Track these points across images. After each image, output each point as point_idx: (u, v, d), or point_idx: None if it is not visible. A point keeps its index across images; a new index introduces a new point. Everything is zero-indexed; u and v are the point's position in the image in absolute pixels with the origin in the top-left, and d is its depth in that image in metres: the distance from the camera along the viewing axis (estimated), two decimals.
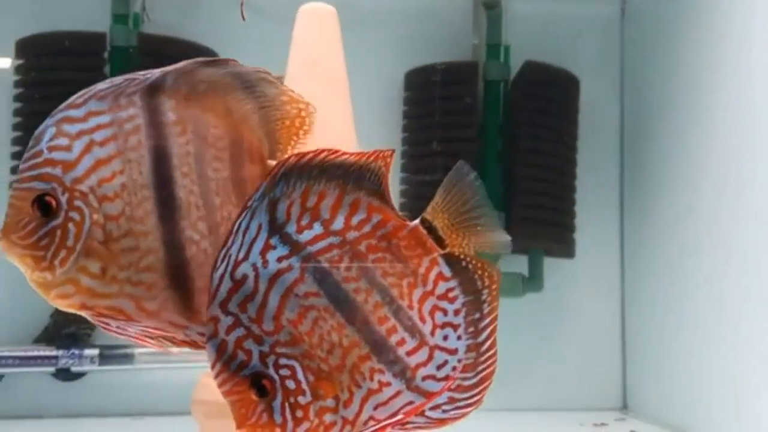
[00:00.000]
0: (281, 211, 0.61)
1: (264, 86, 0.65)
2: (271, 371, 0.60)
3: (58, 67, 1.19)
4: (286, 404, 0.60)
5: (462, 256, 0.68)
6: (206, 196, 0.61)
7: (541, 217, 1.29)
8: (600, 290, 1.42)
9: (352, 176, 0.65)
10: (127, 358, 1.21)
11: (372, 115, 1.25)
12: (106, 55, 1.23)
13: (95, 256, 0.56)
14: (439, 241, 0.67)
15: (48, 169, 0.56)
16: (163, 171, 0.59)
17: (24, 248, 0.55)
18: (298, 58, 0.98)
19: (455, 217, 0.68)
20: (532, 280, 1.31)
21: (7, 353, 1.20)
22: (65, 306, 0.56)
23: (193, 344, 0.62)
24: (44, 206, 0.56)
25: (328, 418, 0.62)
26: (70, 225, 0.56)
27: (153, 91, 0.60)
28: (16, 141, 1.21)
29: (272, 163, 0.65)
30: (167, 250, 0.59)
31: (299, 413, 0.60)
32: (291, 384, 0.61)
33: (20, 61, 1.22)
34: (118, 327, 0.59)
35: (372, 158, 0.66)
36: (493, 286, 0.68)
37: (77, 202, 0.56)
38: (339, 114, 0.96)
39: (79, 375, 1.25)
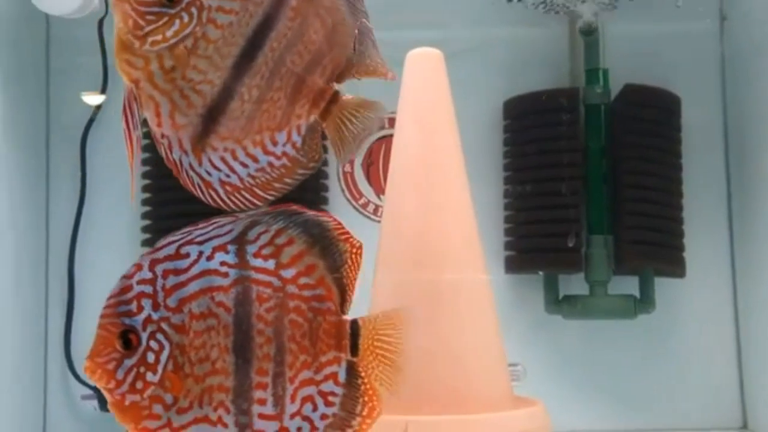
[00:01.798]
0: (255, 232, 0.68)
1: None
2: (145, 336, 0.65)
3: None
4: (134, 370, 0.65)
5: (363, 375, 0.71)
6: None
7: (649, 238, 1.28)
8: (713, 308, 1.40)
9: (321, 242, 0.70)
10: None
11: (474, 143, 1.28)
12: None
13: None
14: (354, 349, 0.70)
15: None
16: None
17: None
18: (407, 104, 1.02)
19: (380, 338, 0.71)
20: (644, 302, 1.31)
21: None
22: None
23: None
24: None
25: (157, 409, 0.66)
26: None
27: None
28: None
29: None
30: None
31: (138, 385, 0.65)
32: (151, 358, 0.66)
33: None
34: None
35: (346, 240, 0.70)
36: (368, 421, 0.70)
37: None
38: (450, 160, 1.00)
39: None
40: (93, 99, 1.38)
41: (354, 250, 0.71)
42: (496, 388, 0.97)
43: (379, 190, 1.41)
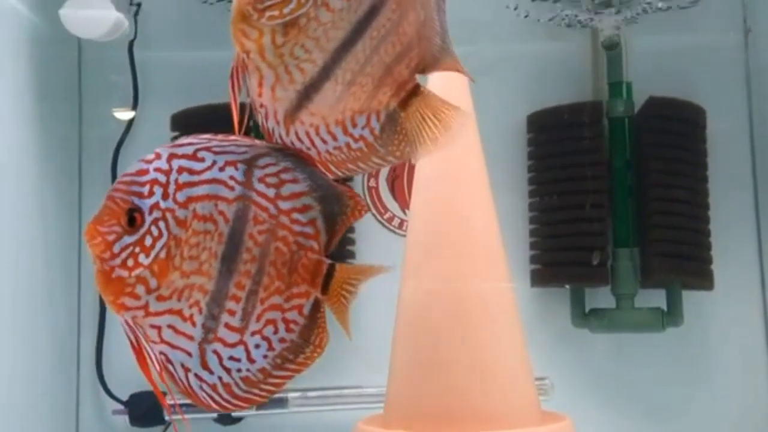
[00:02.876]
0: (265, 161, 0.73)
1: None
2: (148, 220, 0.69)
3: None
4: (130, 248, 0.69)
5: (322, 311, 0.77)
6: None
7: (676, 251, 1.28)
8: (742, 320, 1.38)
9: (323, 191, 0.76)
10: (281, 403, 1.28)
11: (498, 156, 1.29)
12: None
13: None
14: (325, 287, 0.76)
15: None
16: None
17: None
18: None
19: (349, 284, 0.77)
20: (672, 315, 1.30)
21: (175, 401, 1.30)
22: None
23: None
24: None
25: (139, 290, 0.70)
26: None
27: None
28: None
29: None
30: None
31: (130, 262, 0.69)
32: (148, 241, 0.69)
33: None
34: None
35: (350, 198, 0.77)
36: (318, 350, 0.77)
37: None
38: (474, 173, 1.01)
39: (238, 419, 1.34)
40: (124, 115, 1.41)
41: (358, 208, 0.78)
42: (523, 402, 0.97)
43: (404, 205, 1.42)
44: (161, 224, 0.70)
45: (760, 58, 1.41)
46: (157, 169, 0.71)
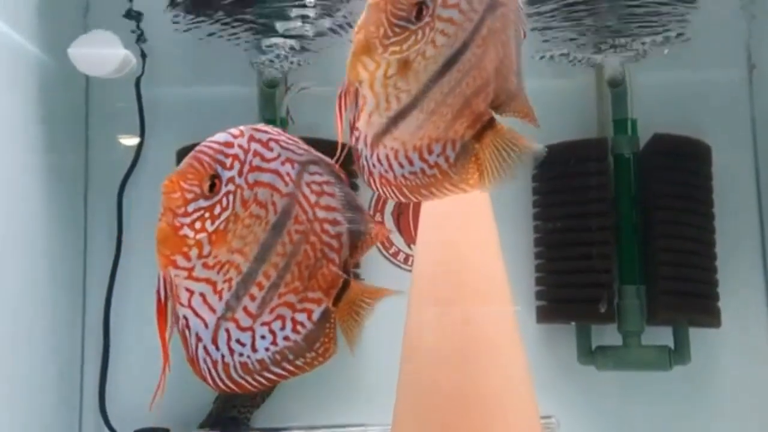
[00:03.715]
0: (315, 168, 0.78)
1: None
2: (223, 190, 0.73)
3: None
4: (201, 212, 0.72)
5: (333, 323, 0.80)
6: None
7: (683, 288, 1.27)
8: (750, 359, 1.37)
9: (353, 212, 0.80)
10: None
11: (503, 191, 1.28)
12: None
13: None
14: (337, 300, 0.79)
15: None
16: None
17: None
18: None
19: (360, 302, 0.80)
20: (679, 353, 1.29)
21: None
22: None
23: None
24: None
25: (192, 253, 0.72)
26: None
27: None
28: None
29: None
30: None
31: (197, 225, 0.72)
32: (216, 210, 0.73)
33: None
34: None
35: (375, 223, 0.82)
36: (320, 359, 0.79)
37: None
38: (480, 218, 1.02)
39: None
40: (130, 149, 1.42)
41: (382, 232, 0.83)
42: None
43: (409, 240, 1.42)
44: (230, 198, 0.73)
45: (765, 95, 1.41)
46: (239, 146, 0.74)
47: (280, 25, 1.21)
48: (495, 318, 0.99)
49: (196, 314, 0.74)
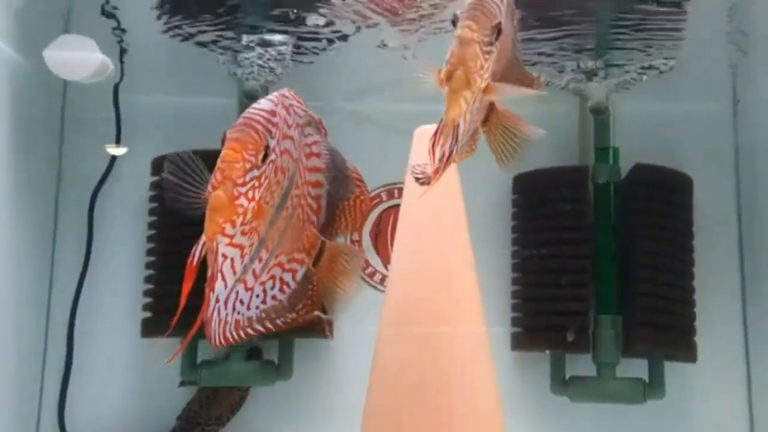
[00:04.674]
0: (309, 130, 0.82)
1: None
2: (269, 160, 0.74)
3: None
4: (254, 182, 0.72)
5: (314, 286, 0.83)
6: None
7: (660, 320, 1.25)
8: (725, 395, 1.36)
9: (335, 173, 0.84)
10: None
11: (483, 216, 1.27)
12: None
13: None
14: (317, 259, 0.83)
15: None
16: None
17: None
18: (415, 184, 1.04)
19: (336, 262, 0.85)
20: (654, 387, 1.27)
21: None
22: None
23: None
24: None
25: (238, 222, 0.73)
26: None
27: None
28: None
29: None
30: None
31: (251, 194, 0.72)
32: (263, 180, 0.74)
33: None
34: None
35: (357, 187, 0.86)
36: (297, 320, 0.83)
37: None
38: (455, 241, 1.00)
39: None
40: (105, 156, 1.39)
41: (361, 198, 0.86)
42: None
43: (387, 260, 1.40)
44: (271, 166, 0.74)
45: (749, 129, 1.41)
46: (279, 114, 0.75)
47: (260, 37, 1.20)
48: (465, 342, 0.97)
49: (223, 278, 0.76)
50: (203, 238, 0.72)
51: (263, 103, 0.75)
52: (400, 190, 1.06)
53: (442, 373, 0.94)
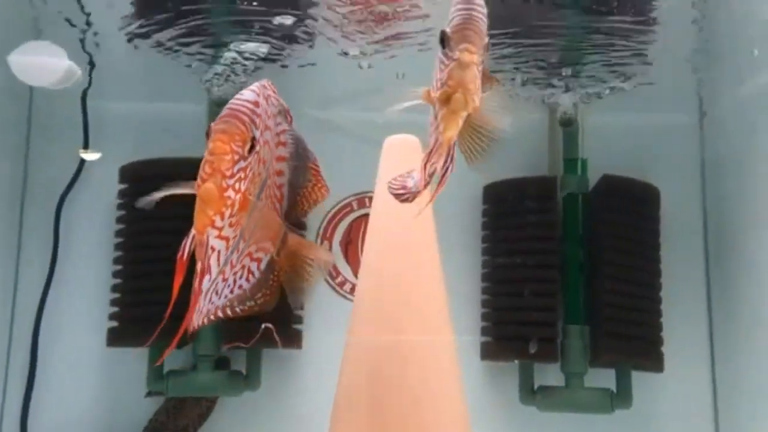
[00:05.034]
0: (279, 119, 0.82)
1: None
2: (254, 152, 0.73)
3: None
4: (241, 173, 0.72)
5: (276, 276, 0.84)
6: None
7: (627, 331, 1.26)
8: (692, 404, 1.37)
9: (297, 161, 0.85)
10: None
11: (453, 226, 1.28)
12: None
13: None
14: (280, 249, 0.83)
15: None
16: None
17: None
18: (384, 190, 1.03)
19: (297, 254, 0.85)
20: (621, 396, 1.28)
21: None
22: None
23: None
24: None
25: (227, 213, 0.72)
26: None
27: None
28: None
29: None
30: None
31: (237, 186, 0.71)
32: (249, 172, 0.73)
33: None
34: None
35: (314, 176, 0.86)
36: (254, 308, 0.83)
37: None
38: (424, 251, 1.00)
39: None
40: (73, 162, 1.37)
41: (318, 186, 0.86)
42: None
43: (357, 270, 1.39)
44: (256, 157, 0.73)
45: (715, 141, 1.43)
46: (261, 105, 0.75)
47: (232, 44, 1.20)
48: (432, 351, 0.97)
49: (209, 271, 0.76)
50: (192, 231, 0.72)
51: (247, 95, 0.75)
52: (371, 199, 1.05)
53: (409, 382, 0.94)
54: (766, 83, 1.22)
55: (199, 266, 0.74)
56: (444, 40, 0.71)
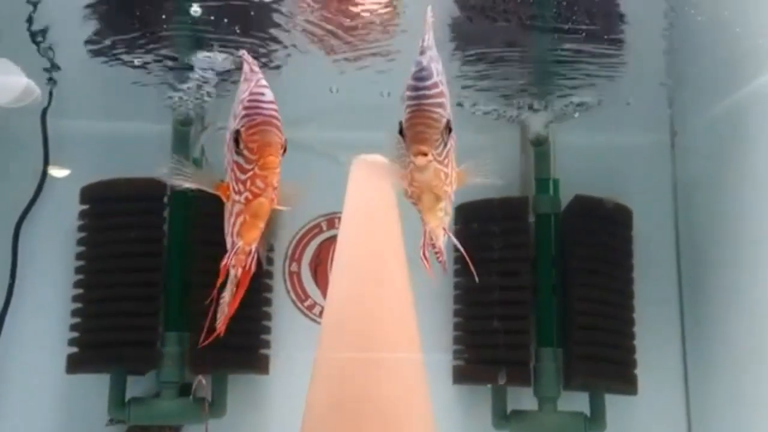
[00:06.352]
0: None
1: None
2: None
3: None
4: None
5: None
6: None
7: (600, 354, 1.25)
8: (666, 427, 1.35)
9: None
10: None
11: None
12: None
13: None
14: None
15: None
16: None
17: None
18: (352, 209, 1.02)
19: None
20: (595, 420, 1.26)
21: None
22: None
23: None
24: None
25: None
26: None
27: None
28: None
29: None
30: None
31: (275, 195, 0.75)
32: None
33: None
34: None
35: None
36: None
37: None
38: (393, 271, 0.98)
39: None
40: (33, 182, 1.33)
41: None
42: None
43: (326, 292, 1.37)
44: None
45: (686, 161, 1.43)
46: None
47: (194, 62, 1.17)
48: (401, 371, 0.95)
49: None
50: (239, 242, 0.75)
51: (268, 95, 0.75)
52: (341, 219, 1.04)
53: (376, 400, 0.92)
54: (736, 102, 1.22)
55: (237, 274, 0.79)
56: (401, 131, 0.71)
